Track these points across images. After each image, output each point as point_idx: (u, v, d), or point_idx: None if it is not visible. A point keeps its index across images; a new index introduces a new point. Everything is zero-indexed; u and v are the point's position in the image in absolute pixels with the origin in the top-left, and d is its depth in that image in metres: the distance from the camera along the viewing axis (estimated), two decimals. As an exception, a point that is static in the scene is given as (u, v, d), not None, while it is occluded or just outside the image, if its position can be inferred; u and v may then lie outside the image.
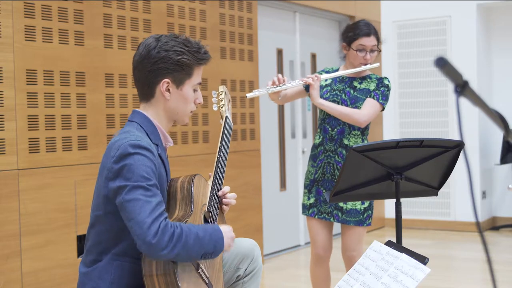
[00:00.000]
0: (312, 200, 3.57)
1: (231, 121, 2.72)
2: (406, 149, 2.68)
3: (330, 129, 3.53)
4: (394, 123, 7.51)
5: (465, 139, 1.66)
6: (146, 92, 2.37)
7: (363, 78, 3.57)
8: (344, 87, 3.55)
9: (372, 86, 3.53)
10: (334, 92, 3.54)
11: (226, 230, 2.32)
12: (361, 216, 3.50)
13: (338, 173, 3.48)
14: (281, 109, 6.32)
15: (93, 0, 4.27)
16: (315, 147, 3.60)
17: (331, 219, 3.53)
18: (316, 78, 3.44)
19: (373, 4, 7.47)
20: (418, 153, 2.70)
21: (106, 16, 4.35)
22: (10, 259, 3.74)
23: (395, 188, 2.75)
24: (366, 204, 3.52)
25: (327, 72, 3.62)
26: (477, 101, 1.51)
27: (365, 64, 3.52)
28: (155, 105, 2.38)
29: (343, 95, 3.53)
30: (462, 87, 1.42)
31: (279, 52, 6.30)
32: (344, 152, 3.50)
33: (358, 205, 3.50)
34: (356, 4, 7.13)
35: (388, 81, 3.57)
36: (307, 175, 3.63)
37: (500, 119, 1.65)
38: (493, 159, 7.32)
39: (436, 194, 2.89)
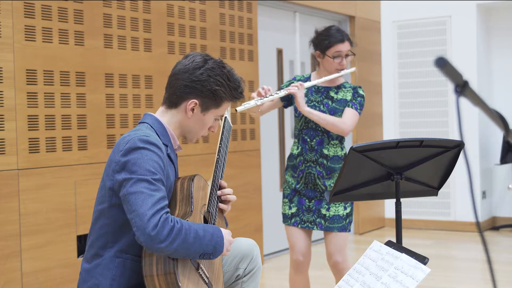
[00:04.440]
0: (294, 210, 3.57)
1: (230, 122, 2.73)
2: (406, 149, 2.68)
3: (309, 139, 3.55)
4: (394, 123, 7.51)
5: (465, 139, 1.66)
6: (172, 100, 2.43)
7: (338, 88, 3.60)
8: (321, 98, 3.57)
9: (349, 96, 3.56)
10: (312, 104, 3.56)
11: (225, 233, 2.34)
12: (344, 222, 3.53)
13: (319, 183, 3.52)
14: (281, 109, 6.32)
15: (93, 0, 4.27)
16: (293, 157, 3.61)
17: (314, 228, 3.54)
18: (300, 86, 3.44)
19: (373, 4, 7.47)
20: (418, 153, 2.70)
21: (106, 16, 4.35)
22: (10, 259, 3.74)
23: (395, 188, 2.75)
24: (348, 209, 3.55)
25: (300, 80, 3.63)
26: (477, 101, 1.51)
27: (342, 70, 3.55)
28: (174, 115, 2.43)
29: (321, 106, 3.55)
30: (462, 87, 1.42)
31: (279, 52, 6.31)
32: (325, 162, 3.53)
33: (340, 210, 3.52)
34: (356, 4, 7.13)
35: (362, 90, 3.61)
36: (287, 185, 3.63)
37: (500, 119, 1.65)
38: (493, 159, 7.32)
39: (436, 194, 2.89)
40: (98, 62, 4.29)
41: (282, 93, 3.46)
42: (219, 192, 2.54)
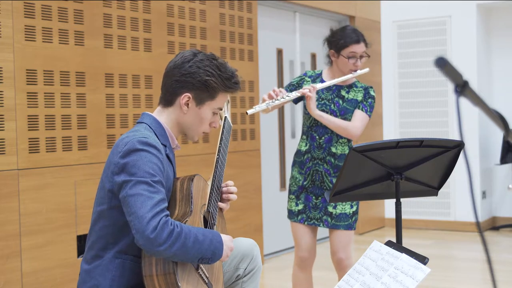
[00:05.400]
0: (300, 207, 3.58)
1: (230, 122, 2.72)
2: (406, 149, 2.68)
3: (317, 137, 3.55)
4: (394, 123, 7.51)
5: (465, 139, 1.66)
6: (167, 98, 2.44)
7: (349, 87, 3.60)
8: (332, 96, 3.57)
9: (360, 97, 3.56)
10: (323, 102, 3.56)
11: (226, 239, 2.33)
12: (350, 220, 3.54)
13: (326, 181, 3.53)
14: (281, 109, 6.32)
15: (93, 0, 4.27)
16: (301, 153, 3.61)
17: (321, 225, 3.55)
18: (312, 89, 3.42)
19: (373, 4, 7.47)
20: (418, 153, 2.70)
21: (106, 16, 4.35)
22: (10, 259, 3.74)
23: (395, 188, 2.75)
24: (354, 207, 3.56)
25: (311, 76, 3.63)
26: (477, 101, 1.51)
27: (355, 71, 3.54)
28: (171, 113, 2.43)
29: (332, 105, 3.54)
30: (462, 87, 1.42)
31: (279, 52, 6.30)
32: (332, 160, 3.53)
33: (347, 209, 3.53)
34: (356, 4, 7.13)
35: (373, 91, 3.61)
36: (293, 181, 3.62)
37: (500, 119, 1.64)
38: (493, 159, 7.32)
39: (436, 194, 2.89)
40: (98, 62, 4.29)
41: (294, 95, 3.44)
42: (224, 189, 2.55)
